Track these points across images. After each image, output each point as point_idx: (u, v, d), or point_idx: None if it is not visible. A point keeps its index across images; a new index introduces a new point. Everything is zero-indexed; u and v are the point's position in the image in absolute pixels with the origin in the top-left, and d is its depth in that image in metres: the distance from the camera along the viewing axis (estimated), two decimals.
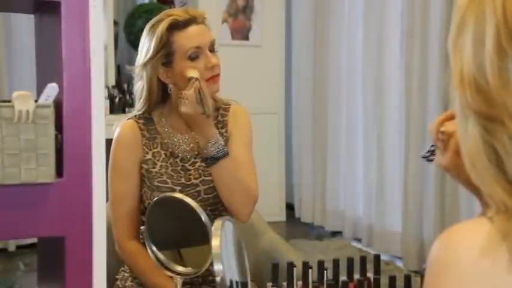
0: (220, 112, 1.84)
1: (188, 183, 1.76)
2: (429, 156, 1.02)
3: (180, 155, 1.78)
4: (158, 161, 1.76)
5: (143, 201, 1.77)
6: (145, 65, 1.73)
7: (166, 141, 1.78)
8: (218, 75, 1.75)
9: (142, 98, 1.78)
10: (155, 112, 1.80)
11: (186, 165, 1.78)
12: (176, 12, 1.74)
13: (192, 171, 1.77)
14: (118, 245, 1.78)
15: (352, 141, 4.70)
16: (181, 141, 1.79)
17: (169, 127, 1.79)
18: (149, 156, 1.76)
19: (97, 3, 1.08)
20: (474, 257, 0.68)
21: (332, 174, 4.86)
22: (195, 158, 1.78)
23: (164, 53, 1.72)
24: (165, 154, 1.77)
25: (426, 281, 0.73)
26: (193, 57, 1.71)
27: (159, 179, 1.74)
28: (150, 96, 1.77)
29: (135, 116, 1.79)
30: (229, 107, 1.85)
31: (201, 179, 1.76)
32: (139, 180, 1.76)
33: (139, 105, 1.79)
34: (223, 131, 1.81)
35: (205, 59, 1.72)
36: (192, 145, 1.79)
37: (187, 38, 1.71)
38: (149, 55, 1.72)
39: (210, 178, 1.76)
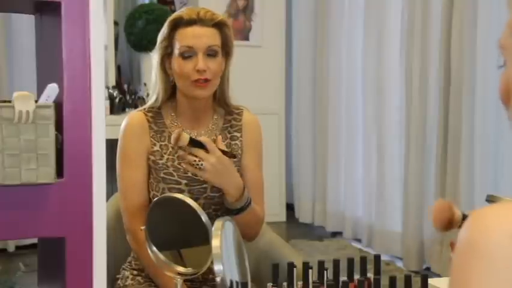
0: (233, 116, 1.87)
1: (196, 177, 1.75)
2: None
3: (187, 150, 1.79)
4: (165, 153, 1.78)
5: (148, 191, 1.78)
6: (155, 51, 1.81)
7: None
8: (207, 80, 1.75)
9: (152, 90, 1.84)
10: (165, 106, 1.83)
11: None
12: (187, 11, 1.79)
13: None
14: (129, 235, 1.78)
15: (352, 142, 4.70)
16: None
17: (178, 122, 1.82)
18: (156, 148, 1.78)
19: (97, 3, 1.08)
20: (506, 241, 0.66)
21: (332, 174, 4.85)
22: None
23: (166, 44, 1.78)
24: (172, 148, 1.78)
25: (455, 264, 0.70)
26: (185, 56, 1.75)
27: (165, 171, 1.76)
28: (159, 86, 1.81)
29: (144, 109, 1.83)
30: (241, 112, 1.88)
31: None
32: (148, 170, 1.78)
33: (151, 97, 1.84)
34: (239, 135, 1.84)
35: (195, 61, 1.74)
36: None
37: (183, 37, 1.76)
38: (157, 43, 1.81)
39: None
